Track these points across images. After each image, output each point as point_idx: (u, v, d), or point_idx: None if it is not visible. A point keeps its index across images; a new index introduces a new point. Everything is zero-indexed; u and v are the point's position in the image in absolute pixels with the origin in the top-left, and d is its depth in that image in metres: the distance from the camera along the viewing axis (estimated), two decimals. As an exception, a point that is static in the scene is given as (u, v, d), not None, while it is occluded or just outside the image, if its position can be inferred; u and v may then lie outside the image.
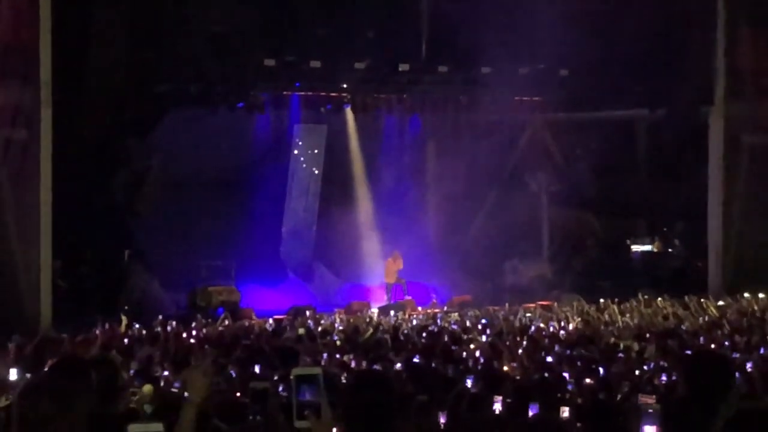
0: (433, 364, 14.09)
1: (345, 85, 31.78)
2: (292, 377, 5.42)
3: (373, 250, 34.06)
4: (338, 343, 19.21)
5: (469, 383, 11.61)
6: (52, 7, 24.23)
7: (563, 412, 8.32)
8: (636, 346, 16.59)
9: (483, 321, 23.89)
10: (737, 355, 14.47)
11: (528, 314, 25.82)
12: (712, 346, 16.86)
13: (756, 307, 24.89)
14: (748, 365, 13.06)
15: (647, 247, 35.75)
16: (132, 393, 10.56)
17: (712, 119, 31.43)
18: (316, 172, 34.28)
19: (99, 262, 28.79)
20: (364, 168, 34.81)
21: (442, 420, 8.71)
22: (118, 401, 7.10)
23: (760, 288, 27.62)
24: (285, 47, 29.73)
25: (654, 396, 6.70)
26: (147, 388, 10.89)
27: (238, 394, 10.65)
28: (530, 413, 8.46)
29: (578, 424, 7.00)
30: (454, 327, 22.92)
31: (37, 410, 6.09)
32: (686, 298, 26.91)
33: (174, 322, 23.22)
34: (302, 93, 32.12)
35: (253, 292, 30.55)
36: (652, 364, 14.33)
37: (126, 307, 26.09)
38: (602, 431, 6.58)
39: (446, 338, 19.55)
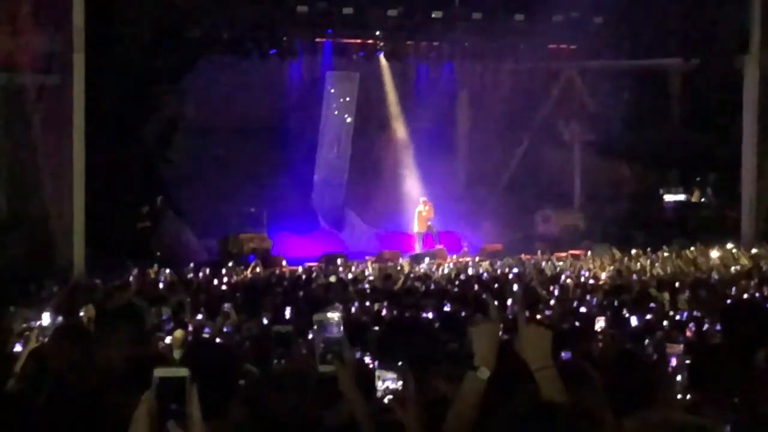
0: (464, 313, 14.05)
1: (378, 33, 31.63)
2: (314, 323, 5.42)
3: (405, 198, 33.98)
4: (368, 291, 19.22)
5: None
6: (84, -48, 24.23)
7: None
8: (667, 296, 16.50)
9: (515, 270, 23.85)
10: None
11: (560, 263, 25.76)
12: (744, 296, 16.77)
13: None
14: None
15: (680, 197, 35.54)
16: (161, 338, 10.61)
17: (747, 68, 31.14)
18: (348, 119, 34.15)
19: (131, 208, 28.85)
20: (397, 116, 34.72)
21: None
22: (147, 347, 7.13)
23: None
24: (318, -7, 29.70)
25: (682, 345, 6.66)
26: (178, 333, 10.97)
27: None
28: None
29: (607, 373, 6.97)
30: (485, 276, 22.90)
31: (67, 355, 6.14)
32: (717, 247, 26.82)
33: (206, 269, 23.30)
34: (335, 40, 31.98)
35: (284, 240, 30.54)
36: (685, 314, 14.27)
37: (158, 254, 26.16)
38: (632, 380, 6.55)
39: (477, 287, 19.55)
